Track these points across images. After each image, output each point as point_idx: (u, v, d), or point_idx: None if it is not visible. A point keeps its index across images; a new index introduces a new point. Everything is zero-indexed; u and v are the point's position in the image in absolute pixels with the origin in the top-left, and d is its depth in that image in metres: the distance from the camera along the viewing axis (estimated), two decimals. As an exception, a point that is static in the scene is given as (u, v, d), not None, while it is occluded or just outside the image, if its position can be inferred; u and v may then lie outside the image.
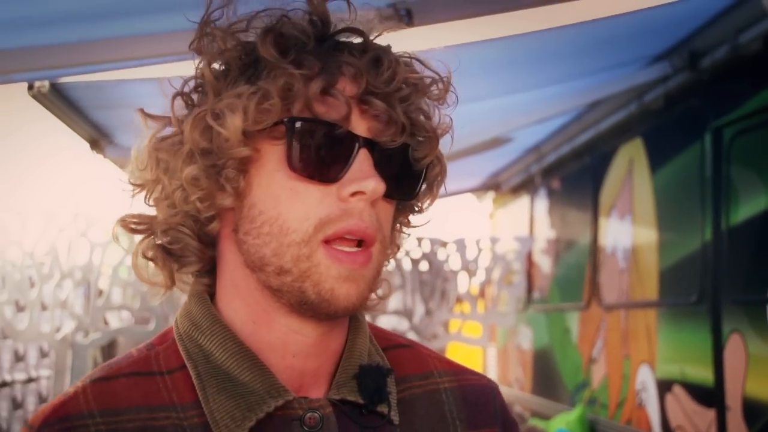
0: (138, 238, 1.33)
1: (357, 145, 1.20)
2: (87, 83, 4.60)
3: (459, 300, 7.03)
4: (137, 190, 1.30)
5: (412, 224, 1.43)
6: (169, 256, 1.30)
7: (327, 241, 1.18)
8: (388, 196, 1.23)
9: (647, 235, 5.65)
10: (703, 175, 4.84)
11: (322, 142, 1.18)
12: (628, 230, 5.96)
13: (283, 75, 1.17)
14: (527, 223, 8.12)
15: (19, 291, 5.83)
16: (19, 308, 6.08)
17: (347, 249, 1.20)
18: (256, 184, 1.21)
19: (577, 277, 6.82)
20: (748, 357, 4.31)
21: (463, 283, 7.06)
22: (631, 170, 5.90)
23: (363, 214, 1.20)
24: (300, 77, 1.17)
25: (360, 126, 1.21)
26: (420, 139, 1.27)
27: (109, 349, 9.91)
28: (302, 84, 1.17)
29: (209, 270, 1.34)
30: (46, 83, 4.37)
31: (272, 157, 1.20)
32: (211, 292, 1.34)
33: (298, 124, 1.18)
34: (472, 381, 1.45)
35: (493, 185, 8.94)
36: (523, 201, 8.33)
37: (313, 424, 1.24)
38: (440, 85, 1.30)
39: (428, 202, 1.40)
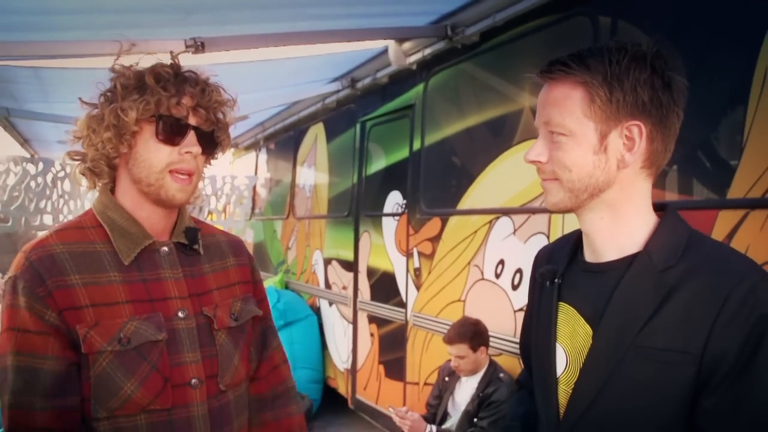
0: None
1: (189, 129, 1.36)
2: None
3: (210, 213, 7.04)
4: (76, 140, 1.40)
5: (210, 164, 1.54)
6: (93, 173, 1.40)
7: (171, 172, 1.35)
8: (203, 153, 1.40)
9: (323, 179, 6.00)
10: (354, 147, 5.31)
11: (172, 126, 1.34)
12: (312, 175, 6.28)
13: (157, 94, 1.32)
14: (253, 168, 8.14)
15: None
16: None
17: (182, 177, 1.36)
18: (139, 143, 1.35)
19: (282, 200, 7.05)
20: (371, 245, 4.97)
21: (213, 202, 7.02)
22: (316, 141, 6.23)
23: (191, 162, 1.37)
24: (165, 96, 1.33)
25: (193, 120, 1.37)
26: (220, 126, 1.43)
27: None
28: (166, 99, 1.33)
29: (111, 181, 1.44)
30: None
31: (148, 130, 1.34)
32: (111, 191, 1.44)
33: (162, 118, 1.34)
34: (232, 237, 1.62)
35: (234, 144, 8.71)
36: (252, 155, 8.28)
37: (165, 252, 1.40)
38: (230, 100, 1.44)
39: (220, 155, 1.52)
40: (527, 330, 1.41)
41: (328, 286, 5.75)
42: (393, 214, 4.70)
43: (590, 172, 1.13)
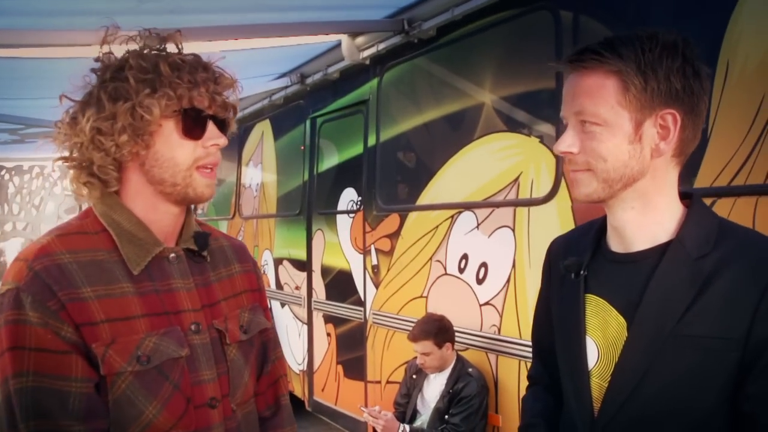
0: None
1: (208, 119, 1.25)
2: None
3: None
4: (75, 144, 1.25)
5: None
6: (100, 181, 1.25)
7: (198, 168, 1.25)
8: None
9: (271, 177, 5.87)
10: (305, 143, 5.22)
11: (195, 119, 1.23)
12: (259, 174, 6.13)
13: (178, 86, 1.20)
14: None
15: None
16: None
17: (208, 171, 1.26)
18: (158, 141, 1.22)
19: (227, 200, 6.84)
20: (325, 243, 4.90)
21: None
22: (262, 138, 6.09)
23: (216, 155, 1.28)
24: (185, 87, 1.21)
25: (210, 110, 1.26)
26: (231, 112, 1.32)
27: None
28: (187, 90, 1.21)
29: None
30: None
31: (168, 126, 1.22)
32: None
33: (186, 112, 1.22)
34: (235, 241, 1.50)
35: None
36: None
37: (175, 259, 1.28)
38: (236, 82, 1.32)
39: None
40: (542, 324, 1.39)
41: (279, 286, 5.65)
42: (348, 212, 4.65)
43: (625, 162, 1.12)
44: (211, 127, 1.26)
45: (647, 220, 1.16)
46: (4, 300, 1.14)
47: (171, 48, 1.28)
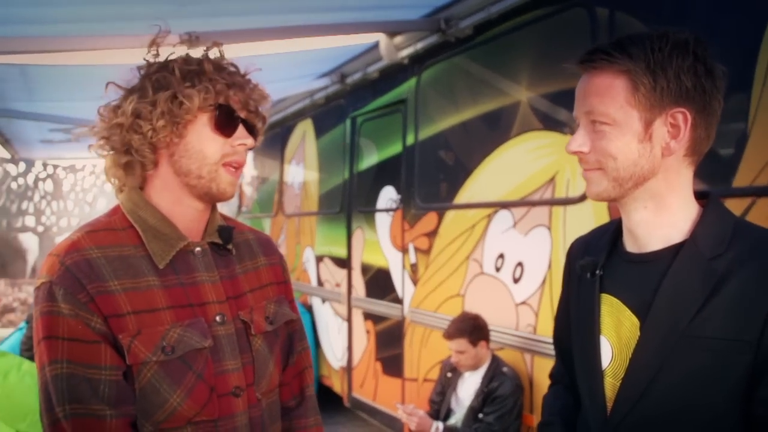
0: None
1: (239, 121, 1.31)
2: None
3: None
4: (116, 126, 1.28)
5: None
6: (139, 165, 1.30)
7: (224, 165, 1.29)
8: None
9: (312, 176, 5.95)
10: (345, 143, 5.27)
11: (227, 117, 1.29)
12: (301, 172, 6.22)
13: (217, 83, 1.27)
14: None
15: None
16: None
17: (234, 169, 1.31)
18: (191, 132, 1.27)
19: (270, 198, 6.97)
20: (365, 241, 4.95)
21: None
22: (304, 137, 6.16)
23: (243, 155, 1.33)
24: (224, 85, 1.27)
25: (242, 112, 1.32)
26: (261, 121, 1.38)
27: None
28: (225, 88, 1.28)
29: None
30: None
31: (202, 120, 1.28)
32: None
33: (221, 107, 1.28)
34: (261, 234, 1.54)
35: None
36: None
37: (200, 253, 1.32)
38: (269, 96, 1.38)
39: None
40: (562, 324, 1.40)
41: (320, 283, 5.72)
42: (387, 210, 4.68)
43: (635, 161, 1.12)
44: (241, 128, 1.31)
45: (661, 220, 1.16)
46: (39, 293, 1.22)
47: (212, 54, 1.34)
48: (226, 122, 1.29)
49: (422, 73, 4.27)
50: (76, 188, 8.15)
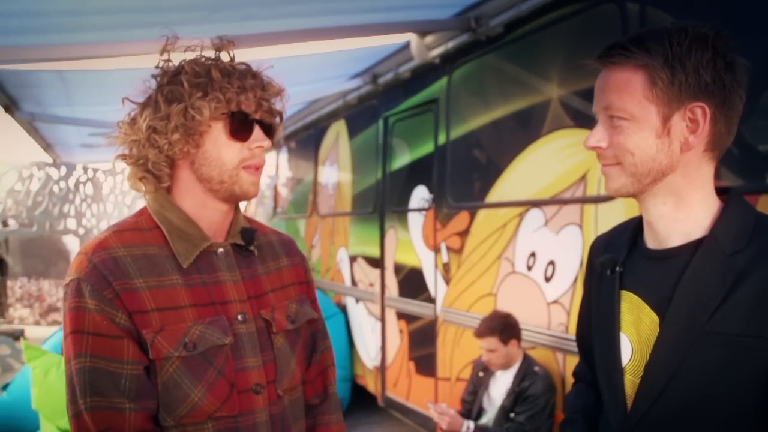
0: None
1: (255, 123, 1.33)
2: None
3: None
4: (133, 142, 1.32)
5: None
6: (154, 177, 1.34)
7: (245, 168, 1.32)
8: None
9: (346, 176, 5.99)
10: (377, 143, 5.29)
11: (242, 122, 1.31)
12: (335, 173, 6.26)
13: (227, 90, 1.28)
14: (275, 168, 8.08)
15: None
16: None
17: (253, 171, 1.34)
18: (207, 141, 1.30)
19: (305, 199, 7.02)
20: (397, 240, 4.97)
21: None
22: (338, 138, 6.20)
23: (261, 156, 1.35)
24: (234, 91, 1.28)
25: (257, 114, 1.33)
26: (277, 119, 1.40)
27: (5, 243, 9.24)
28: (236, 95, 1.29)
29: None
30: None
31: (216, 128, 1.30)
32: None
33: (233, 115, 1.30)
34: (284, 236, 1.57)
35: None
36: (272, 154, 8.07)
37: (222, 254, 1.36)
38: (284, 91, 1.39)
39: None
40: (584, 321, 1.39)
41: (354, 283, 5.75)
42: (419, 209, 4.68)
43: (653, 156, 1.12)
44: (257, 131, 1.34)
45: (680, 216, 1.15)
46: (68, 289, 1.27)
47: (225, 57, 1.35)
48: (240, 128, 1.32)
49: (453, 73, 4.27)
50: (115, 191, 8.34)
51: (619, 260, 1.24)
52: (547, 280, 3.37)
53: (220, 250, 1.37)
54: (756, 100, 2.47)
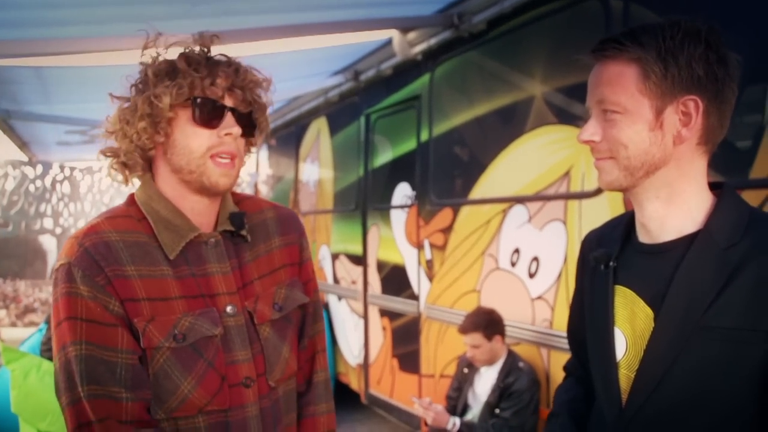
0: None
1: (226, 110, 1.30)
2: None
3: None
4: (108, 135, 1.34)
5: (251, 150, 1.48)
6: (125, 167, 1.34)
7: (212, 156, 1.29)
8: (242, 135, 1.32)
9: (327, 174, 5.96)
10: (359, 140, 5.28)
11: (208, 108, 1.29)
12: (316, 170, 6.23)
13: (190, 76, 1.27)
14: (254, 165, 8.07)
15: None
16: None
17: (224, 161, 1.30)
18: (175, 130, 1.29)
19: (285, 196, 6.95)
20: (380, 238, 4.96)
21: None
22: (318, 136, 6.17)
23: (231, 144, 1.30)
24: (198, 77, 1.27)
25: (229, 101, 1.31)
26: (257, 107, 1.37)
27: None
28: (200, 80, 1.27)
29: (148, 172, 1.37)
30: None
31: (184, 115, 1.29)
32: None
33: (198, 100, 1.28)
34: (282, 210, 1.51)
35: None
36: (252, 152, 8.27)
37: (213, 243, 1.34)
38: (265, 81, 1.38)
39: (260, 138, 1.44)
40: (576, 317, 1.39)
41: (336, 281, 5.73)
42: (402, 206, 4.68)
43: (646, 149, 1.12)
44: (228, 118, 1.31)
45: (674, 210, 1.16)
46: (58, 274, 1.24)
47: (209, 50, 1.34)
48: (208, 115, 1.29)
49: (436, 69, 4.26)
50: (93, 190, 8.25)
51: (612, 255, 1.24)
52: (531, 276, 3.38)
53: (211, 240, 1.35)
54: (739, 95, 2.50)
